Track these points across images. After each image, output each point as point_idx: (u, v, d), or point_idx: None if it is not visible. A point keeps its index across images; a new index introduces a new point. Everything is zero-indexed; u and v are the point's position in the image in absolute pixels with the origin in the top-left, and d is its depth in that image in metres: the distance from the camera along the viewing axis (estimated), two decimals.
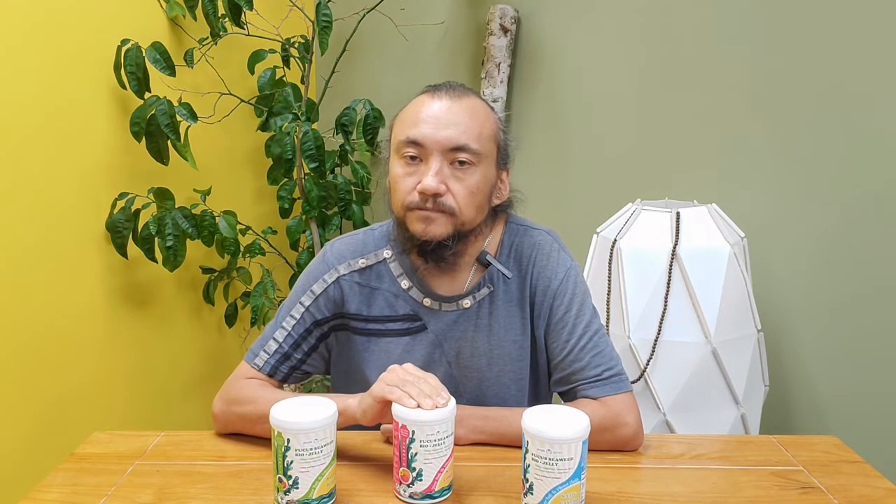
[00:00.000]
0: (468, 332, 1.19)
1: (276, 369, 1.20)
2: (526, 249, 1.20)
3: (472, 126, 1.10)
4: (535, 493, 0.90)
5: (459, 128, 1.09)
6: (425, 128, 1.09)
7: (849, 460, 1.10)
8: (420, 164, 1.10)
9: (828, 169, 2.01)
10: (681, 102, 2.18)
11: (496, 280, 1.19)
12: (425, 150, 1.09)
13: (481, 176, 1.12)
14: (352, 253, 1.22)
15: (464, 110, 1.10)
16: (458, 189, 1.10)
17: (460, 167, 1.10)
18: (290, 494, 0.92)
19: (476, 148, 1.10)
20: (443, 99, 1.11)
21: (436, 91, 1.13)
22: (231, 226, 2.07)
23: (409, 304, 1.19)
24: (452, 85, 1.15)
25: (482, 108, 1.14)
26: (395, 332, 1.20)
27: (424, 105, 1.11)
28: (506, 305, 1.19)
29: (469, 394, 1.20)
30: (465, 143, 1.09)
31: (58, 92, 1.72)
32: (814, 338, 2.08)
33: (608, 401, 1.12)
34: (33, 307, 1.69)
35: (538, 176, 2.42)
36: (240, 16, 2.10)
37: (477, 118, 1.11)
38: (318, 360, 1.23)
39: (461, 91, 1.13)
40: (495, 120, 1.16)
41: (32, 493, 0.98)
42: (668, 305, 1.78)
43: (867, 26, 1.92)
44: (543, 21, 2.36)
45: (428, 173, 1.08)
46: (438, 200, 1.09)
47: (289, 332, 1.20)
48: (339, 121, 2.32)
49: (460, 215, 1.11)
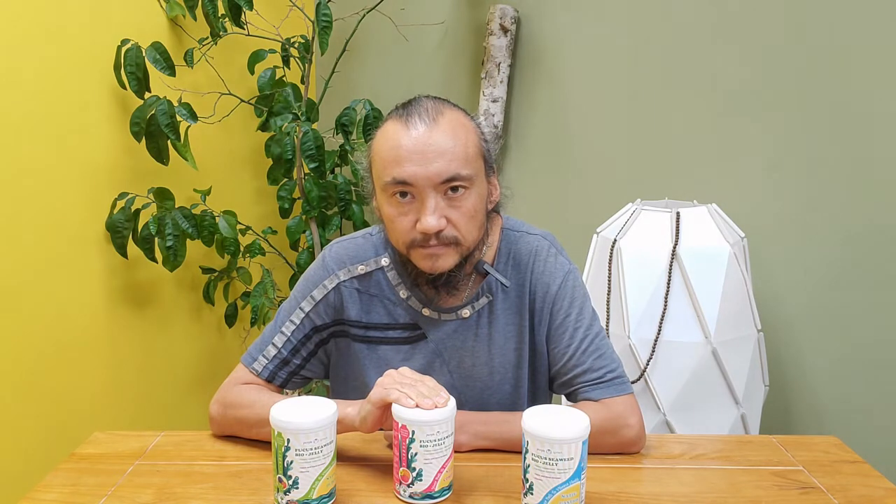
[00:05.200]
0: (468, 341, 1.18)
1: (274, 374, 1.19)
2: (523, 256, 1.18)
3: (458, 150, 1.04)
4: (535, 493, 0.90)
5: (446, 157, 1.03)
6: (410, 166, 1.03)
7: (849, 460, 1.10)
8: (412, 200, 1.05)
9: (828, 169, 2.01)
10: (681, 102, 2.18)
11: (495, 289, 1.17)
12: (416, 189, 1.04)
13: (476, 196, 1.08)
14: (351, 259, 1.20)
15: (445, 135, 1.04)
16: (457, 217, 1.06)
17: (454, 194, 1.05)
18: (290, 494, 0.92)
19: (467, 173, 1.05)
20: (418, 127, 1.04)
21: (409, 117, 1.05)
22: (231, 226, 2.07)
23: (409, 313, 1.18)
24: (422, 104, 1.07)
25: (460, 122, 1.07)
26: (394, 339, 1.19)
27: (402, 138, 1.04)
28: (505, 314, 1.18)
29: (471, 403, 1.19)
30: (455, 174, 1.04)
31: (58, 92, 1.72)
32: (814, 338, 2.08)
33: (610, 403, 1.12)
34: (33, 307, 1.69)
35: (538, 176, 2.42)
36: (240, 16, 2.10)
37: (459, 139, 1.05)
38: (316, 366, 1.23)
39: (434, 110, 1.06)
40: (475, 129, 1.10)
41: (32, 493, 0.99)
42: (668, 305, 1.78)
43: (867, 26, 1.92)
44: (543, 21, 2.36)
45: (425, 213, 1.04)
46: (441, 235, 1.05)
47: (288, 338, 1.19)
48: (339, 121, 2.32)
49: (464, 242, 1.08)
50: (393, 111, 1.10)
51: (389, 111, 1.11)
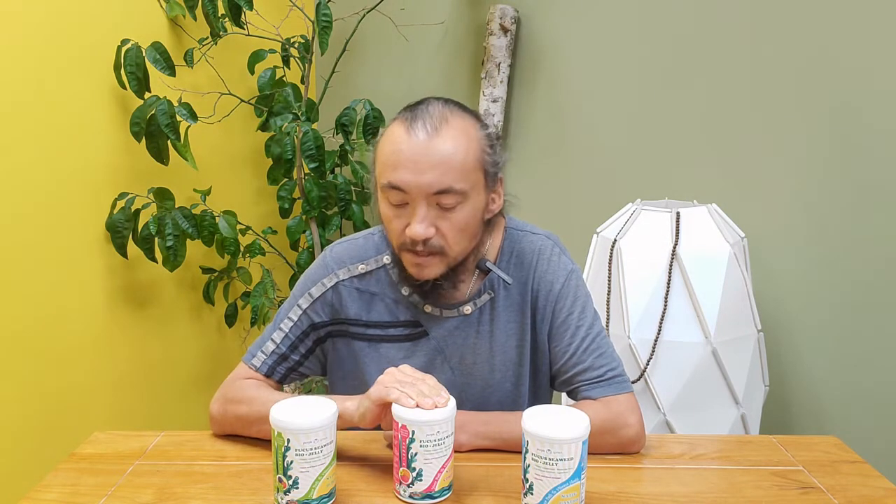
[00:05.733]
0: (470, 338, 1.18)
1: (273, 370, 1.20)
2: (527, 255, 1.19)
3: (455, 163, 1.03)
4: (535, 493, 0.90)
5: (440, 169, 1.03)
6: (405, 173, 1.03)
7: (849, 460, 1.10)
8: (406, 205, 1.06)
9: (828, 169, 2.01)
10: (681, 102, 2.18)
11: (497, 286, 1.18)
12: (409, 195, 1.05)
13: (470, 209, 1.07)
14: (351, 258, 1.21)
15: (444, 145, 1.03)
16: (446, 228, 1.07)
17: (446, 205, 1.05)
18: (290, 494, 0.92)
19: (460, 187, 1.04)
20: (419, 134, 1.03)
21: (413, 122, 1.05)
22: (231, 226, 2.07)
23: (410, 310, 1.19)
24: (430, 109, 1.06)
25: (463, 133, 1.06)
26: (395, 337, 1.19)
27: (402, 143, 1.04)
28: (507, 311, 1.19)
29: (473, 400, 1.19)
30: (448, 186, 1.03)
31: (58, 92, 1.72)
32: (814, 338, 2.08)
33: (610, 401, 1.12)
34: (33, 307, 1.69)
35: (538, 176, 2.42)
36: (240, 16, 2.10)
37: (459, 151, 1.04)
38: (314, 363, 1.24)
39: (439, 117, 1.05)
40: (479, 140, 1.08)
41: (32, 493, 0.98)
42: (668, 305, 1.78)
43: (868, 26, 1.92)
44: (543, 21, 2.36)
45: (414, 220, 1.05)
46: (429, 243, 1.06)
47: (286, 334, 1.20)
48: (339, 121, 2.32)
49: (450, 252, 1.09)
50: (401, 111, 1.10)
51: (399, 110, 1.11)
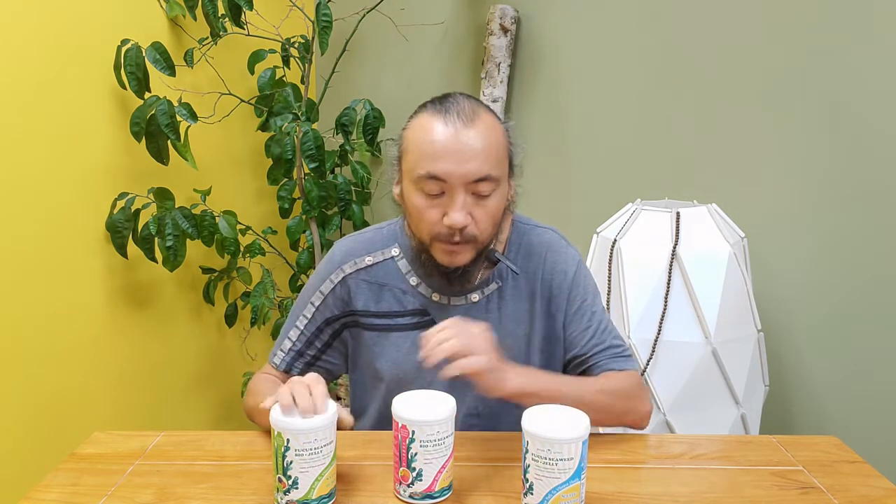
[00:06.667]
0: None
1: (291, 366, 1.26)
2: (536, 247, 1.25)
3: (491, 152, 1.09)
4: (535, 493, 0.90)
5: (480, 158, 1.07)
6: (446, 163, 1.07)
7: (849, 460, 1.10)
8: (442, 194, 1.09)
9: (828, 169, 2.01)
10: (681, 102, 2.18)
11: (504, 276, 1.23)
12: (448, 185, 1.08)
13: (500, 197, 1.13)
14: (358, 251, 1.25)
15: (480, 135, 1.08)
16: (480, 215, 1.11)
17: (482, 193, 1.09)
18: (290, 494, 0.92)
19: (496, 174, 1.10)
20: (456, 125, 1.08)
21: (446, 113, 1.09)
22: (231, 226, 2.07)
23: (418, 299, 1.22)
24: (459, 102, 1.11)
25: (492, 124, 1.11)
26: (404, 326, 1.22)
27: (439, 134, 1.08)
28: (514, 300, 1.22)
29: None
30: (487, 174, 1.08)
31: (58, 92, 1.72)
32: (814, 338, 2.08)
33: (632, 374, 1.20)
34: (33, 307, 1.69)
35: (538, 176, 2.42)
36: (240, 16, 2.10)
37: (491, 141, 1.09)
38: (335, 357, 1.28)
39: (470, 110, 1.10)
40: (503, 132, 1.14)
41: (32, 493, 0.99)
42: (668, 305, 1.78)
43: (868, 26, 1.92)
44: (543, 21, 2.36)
45: (454, 208, 1.08)
46: (464, 232, 1.10)
47: (301, 331, 1.26)
48: (339, 121, 2.32)
49: (481, 239, 1.13)
50: (428, 104, 1.13)
51: (422, 104, 1.15)
